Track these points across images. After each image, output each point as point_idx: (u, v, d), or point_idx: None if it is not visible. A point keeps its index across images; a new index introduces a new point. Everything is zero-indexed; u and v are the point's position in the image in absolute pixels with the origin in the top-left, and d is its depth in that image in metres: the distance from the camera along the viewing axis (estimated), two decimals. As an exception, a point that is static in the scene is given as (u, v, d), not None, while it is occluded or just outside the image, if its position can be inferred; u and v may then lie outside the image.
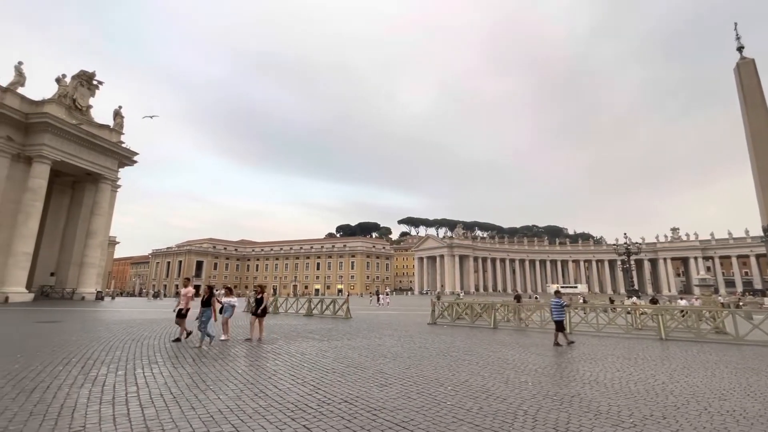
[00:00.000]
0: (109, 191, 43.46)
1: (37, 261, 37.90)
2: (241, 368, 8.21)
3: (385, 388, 6.73)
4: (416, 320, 22.31)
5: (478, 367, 8.71)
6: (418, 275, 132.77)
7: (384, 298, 44.26)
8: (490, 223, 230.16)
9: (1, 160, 33.83)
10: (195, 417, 5.03)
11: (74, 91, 39.30)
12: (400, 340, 13.22)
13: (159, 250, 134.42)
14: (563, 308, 13.31)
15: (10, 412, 5.07)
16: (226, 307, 12.64)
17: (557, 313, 13.11)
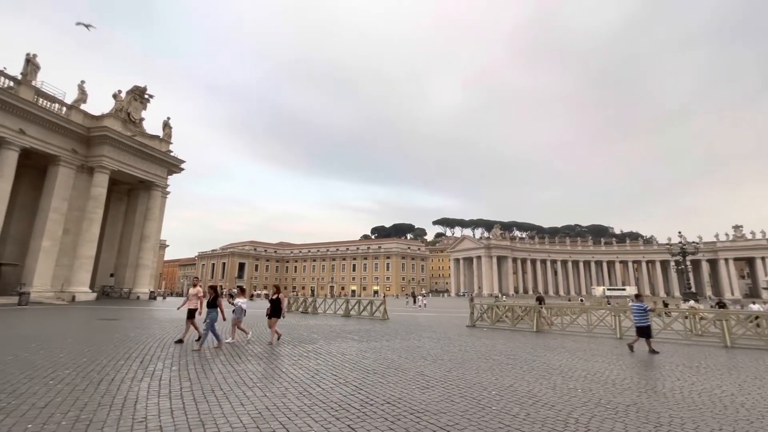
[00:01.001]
0: (160, 197, 46.37)
1: (98, 263, 41.09)
2: (285, 367, 8.43)
3: (427, 390, 6.66)
4: (454, 322, 21.98)
5: (522, 372, 8.42)
6: (455, 277, 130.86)
7: (421, 300, 44.00)
8: (528, 223, 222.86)
9: (68, 172, 37.05)
10: (244, 413, 5.21)
11: (128, 105, 42.32)
12: (439, 343, 13.06)
13: (205, 252, 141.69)
14: (647, 312, 12.16)
15: (81, 402, 5.51)
16: (236, 308, 12.18)
17: (640, 318, 12.04)
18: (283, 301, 12.10)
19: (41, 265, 34.16)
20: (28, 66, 34.23)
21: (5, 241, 34.20)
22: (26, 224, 36.01)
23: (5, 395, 5.73)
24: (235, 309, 12.10)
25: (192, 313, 11.51)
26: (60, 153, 36.25)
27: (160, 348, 10.57)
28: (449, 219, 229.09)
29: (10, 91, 32.26)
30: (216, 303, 10.87)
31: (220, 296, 11.23)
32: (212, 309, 10.78)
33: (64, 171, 36.67)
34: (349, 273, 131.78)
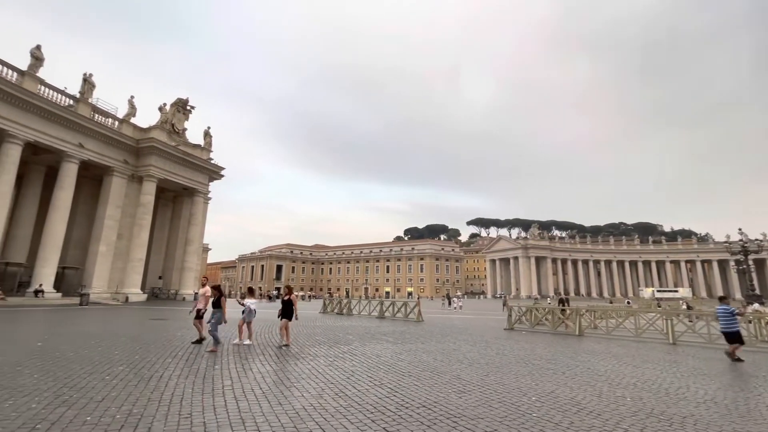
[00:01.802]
0: (202, 203, 48.78)
1: (148, 266, 43.78)
2: (321, 367, 8.55)
3: (463, 394, 6.51)
4: (491, 325, 21.45)
5: (565, 378, 8.04)
6: (491, 278, 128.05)
7: (456, 302, 43.32)
8: (569, 222, 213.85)
9: (120, 181, 39.83)
10: (282, 413, 5.32)
11: (172, 117, 44.87)
12: (476, 346, 12.77)
13: (244, 255, 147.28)
14: (734, 316, 11.09)
15: (133, 397, 5.85)
16: (245, 309, 11.77)
17: (727, 323, 10.99)
18: (295, 302, 11.55)
19: (99, 268, 36.88)
20: (85, 85, 37.15)
21: (68, 245, 37.22)
22: (85, 230, 39.06)
23: (68, 389, 6.20)
24: (245, 310, 11.67)
25: (199, 313, 11.49)
26: (113, 164, 39.05)
27: (203, 346, 11.05)
28: (484, 219, 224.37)
29: (70, 109, 35.17)
30: (220, 303, 10.74)
31: (224, 296, 11.09)
32: (217, 309, 10.67)
33: (117, 180, 39.45)
34: (383, 274, 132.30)
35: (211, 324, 10.52)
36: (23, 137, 31.60)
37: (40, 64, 32.95)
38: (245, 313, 11.61)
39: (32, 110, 31.98)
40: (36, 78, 32.59)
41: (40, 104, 32.32)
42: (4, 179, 30.99)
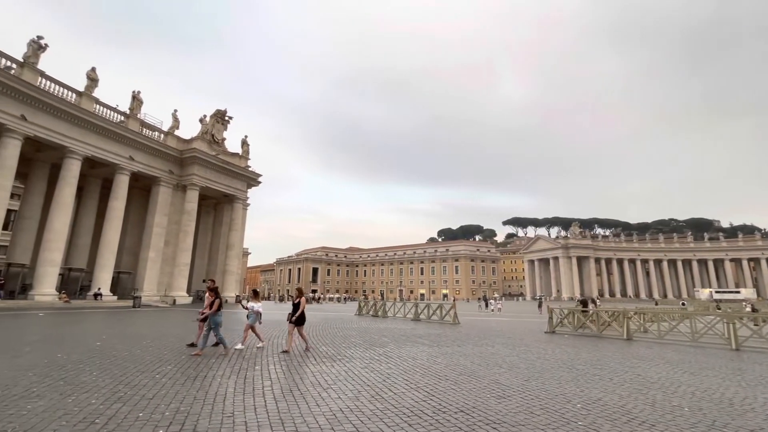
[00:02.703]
0: (241, 209, 50.77)
1: (193, 270, 46.12)
2: (357, 370, 8.59)
3: (503, 400, 6.30)
4: (531, 328, 20.71)
5: (613, 384, 7.58)
6: (529, 279, 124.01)
7: (494, 304, 42.22)
8: (612, 219, 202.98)
9: (166, 190, 42.29)
10: (320, 414, 5.39)
11: (212, 128, 47.09)
12: (515, 349, 12.35)
13: (282, 258, 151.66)
14: None
15: (180, 395, 6.14)
16: (249, 313, 11.45)
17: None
18: (304, 305, 10.95)
19: (149, 273, 39.29)
20: (133, 102, 39.83)
21: (122, 252, 39.95)
22: (136, 238, 41.78)
23: (122, 386, 6.61)
24: (249, 314, 11.40)
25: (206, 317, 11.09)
26: (160, 174, 41.54)
27: (244, 348, 11.43)
28: (521, 218, 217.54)
29: (122, 125, 37.83)
30: (212, 305, 10.36)
31: (220, 297, 10.68)
32: (216, 313, 10.40)
33: (164, 190, 41.91)
34: (417, 276, 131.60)
35: (213, 329, 10.28)
36: (82, 152, 34.33)
37: (96, 85, 35.67)
38: (250, 317, 11.28)
39: (89, 127, 34.67)
40: (92, 97, 35.31)
41: (96, 122, 35.00)
42: (67, 191, 33.80)
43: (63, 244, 34.58)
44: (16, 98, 29.51)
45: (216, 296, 10.48)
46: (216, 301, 10.36)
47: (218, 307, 10.37)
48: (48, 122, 31.76)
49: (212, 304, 10.34)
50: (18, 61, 30.34)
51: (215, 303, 10.33)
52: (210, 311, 10.35)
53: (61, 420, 4.86)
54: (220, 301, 10.46)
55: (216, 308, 10.33)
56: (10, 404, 5.44)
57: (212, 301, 10.38)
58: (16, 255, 34.38)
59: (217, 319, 10.38)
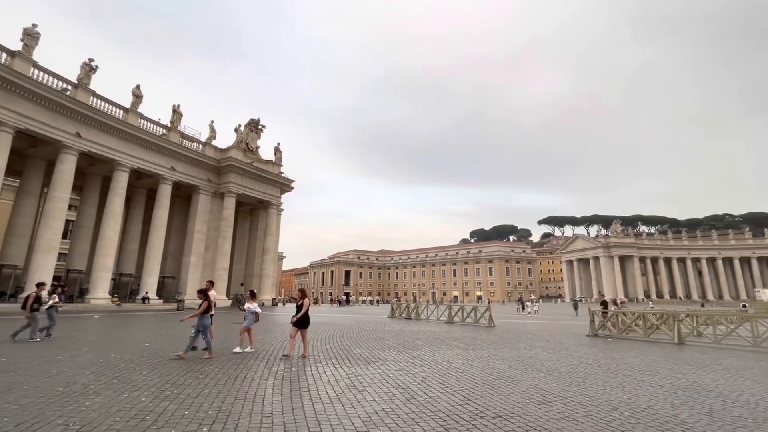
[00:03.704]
0: (276, 214, 52.24)
1: (231, 274, 47.93)
2: (391, 372, 8.57)
3: (543, 406, 6.07)
4: (570, 331, 19.88)
5: (664, 392, 7.12)
6: (568, 280, 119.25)
7: (531, 306, 40.85)
8: (657, 216, 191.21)
9: (205, 198, 44.29)
10: (355, 416, 5.41)
11: (246, 137, 48.86)
12: (555, 353, 11.89)
13: (315, 262, 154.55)
14: None
15: (222, 395, 6.38)
16: (247, 315, 11.22)
17: None
18: (307, 307, 10.39)
19: (191, 277, 41.22)
20: (174, 115, 42.07)
21: (166, 257, 42.20)
22: (179, 244, 43.98)
23: (169, 385, 6.96)
24: (247, 315, 11.22)
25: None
26: (199, 183, 43.58)
27: (281, 350, 11.72)
28: (557, 217, 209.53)
29: (164, 137, 40.07)
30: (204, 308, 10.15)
31: (209, 300, 10.40)
32: (203, 314, 10.15)
33: (203, 198, 43.93)
34: (450, 278, 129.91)
35: (201, 331, 10.05)
36: (129, 165, 36.66)
37: (140, 101, 38.01)
38: (247, 318, 11.10)
39: (135, 141, 37.01)
40: (137, 113, 37.65)
41: (142, 136, 37.32)
42: (117, 202, 36.20)
43: (114, 250, 37.02)
44: (72, 117, 32.00)
45: (205, 298, 10.15)
46: (204, 303, 10.13)
47: (206, 309, 10.12)
48: (99, 138, 34.18)
49: (201, 305, 10.12)
50: (72, 83, 32.86)
51: (203, 305, 10.09)
52: (197, 313, 10.10)
53: (116, 416, 5.17)
54: (208, 303, 10.20)
55: (202, 310, 10.09)
56: (71, 400, 5.86)
57: (201, 302, 10.14)
58: (74, 261, 37.19)
59: (205, 322, 10.09)
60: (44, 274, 30.39)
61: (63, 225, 33.17)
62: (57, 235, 31.84)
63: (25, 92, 28.85)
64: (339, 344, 13.40)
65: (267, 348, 11.95)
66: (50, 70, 31.28)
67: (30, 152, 34.14)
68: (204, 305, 10.11)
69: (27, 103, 29.17)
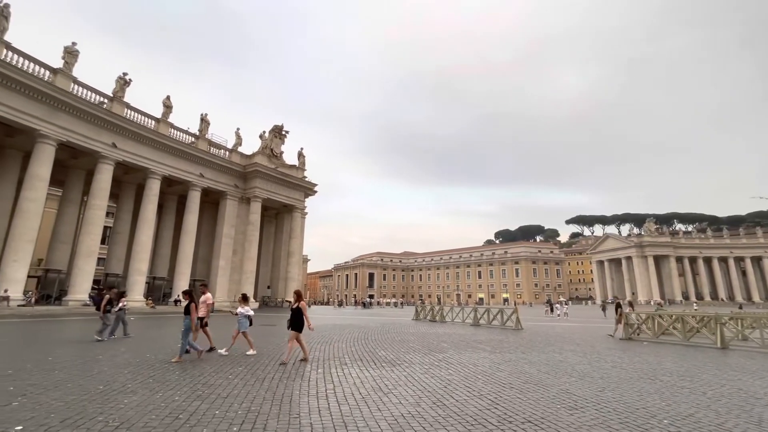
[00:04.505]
0: (300, 218, 53.10)
1: (258, 277, 49.01)
2: (417, 375, 8.51)
3: (575, 411, 5.86)
4: (602, 334, 19.17)
5: (707, 399, 6.73)
6: (599, 281, 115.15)
7: (560, 308, 39.69)
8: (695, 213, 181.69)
9: (233, 203, 45.58)
10: (382, 418, 5.40)
11: (271, 142, 49.97)
12: (586, 357, 11.48)
13: (339, 264, 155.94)
14: None
15: (251, 396, 6.52)
16: (240, 319, 11.20)
17: None
18: (305, 309, 10.01)
19: (220, 280, 42.44)
20: (202, 123, 43.57)
21: (196, 261, 43.65)
22: (208, 248, 45.41)
23: (201, 385, 7.17)
24: (240, 320, 11.15)
25: (205, 322, 11.34)
26: (226, 188, 44.90)
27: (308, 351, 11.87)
28: (586, 216, 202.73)
29: (193, 145, 41.56)
30: (188, 309, 10.05)
31: (195, 302, 10.26)
32: (185, 316, 10.07)
33: (230, 203, 45.21)
34: (475, 280, 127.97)
35: (182, 333, 9.97)
36: (161, 172, 38.23)
37: (170, 111, 39.58)
38: (240, 322, 11.07)
39: (166, 150, 38.56)
40: (168, 122, 39.22)
41: (173, 145, 38.87)
42: (149, 208, 37.79)
43: (148, 255, 38.64)
44: (109, 128, 33.71)
45: (191, 299, 10.12)
46: (193, 305, 10.09)
47: (188, 310, 10.08)
48: (134, 147, 35.83)
49: (187, 306, 10.05)
50: (108, 96, 34.63)
51: (191, 307, 10.06)
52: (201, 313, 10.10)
53: (151, 414, 5.38)
54: (196, 305, 10.18)
55: (195, 313, 10.13)
56: (110, 398, 6.14)
57: (187, 304, 10.07)
58: (112, 266, 39.07)
59: (186, 323, 10.02)
60: (85, 278, 32.15)
61: (101, 231, 34.95)
62: (96, 241, 33.57)
63: (67, 107, 30.61)
64: (364, 346, 13.44)
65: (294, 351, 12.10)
66: (88, 85, 33.07)
67: (71, 163, 36.20)
68: (193, 307, 10.05)
69: (68, 117, 30.96)
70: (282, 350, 11.76)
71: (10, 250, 28.03)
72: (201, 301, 11.44)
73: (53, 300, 31.88)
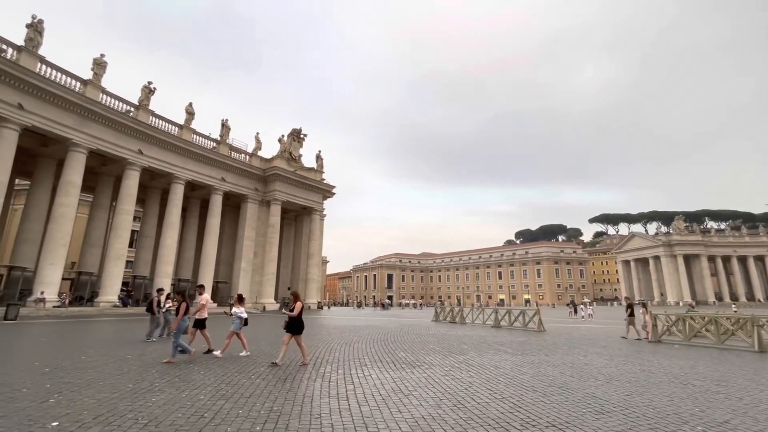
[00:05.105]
0: (319, 220, 53.67)
1: (278, 278, 49.77)
2: (437, 377, 8.45)
3: (602, 416, 5.68)
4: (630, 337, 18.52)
5: (744, 405, 6.41)
6: (625, 282, 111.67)
7: (584, 310, 38.64)
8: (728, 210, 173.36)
9: (253, 206, 46.49)
10: (402, 420, 5.38)
11: (289, 146, 50.74)
12: (613, 360, 11.13)
13: (358, 265, 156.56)
14: None
15: (273, 396, 6.61)
16: (234, 319, 11.08)
17: None
18: (297, 311, 9.58)
19: (242, 282, 43.32)
20: (223, 128, 44.66)
21: (219, 263, 44.71)
22: (230, 250, 46.44)
23: (224, 385, 7.33)
24: (234, 320, 11.04)
25: (201, 322, 11.25)
26: (247, 192, 45.84)
27: (328, 352, 11.97)
28: (610, 215, 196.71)
29: (214, 150, 42.64)
30: (178, 311, 9.95)
31: (186, 302, 10.14)
32: (182, 318, 9.96)
33: (251, 206, 46.14)
34: (495, 281, 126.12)
35: (174, 333, 9.87)
36: (185, 177, 39.40)
37: (192, 118, 40.77)
38: (234, 323, 10.96)
39: (189, 155, 39.74)
40: (190, 129, 40.41)
41: (196, 150, 40.05)
42: (174, 212, 38.99)
43: (173, 258, 39.86)
44: (135, 136, 35.01)
45: (182, 300, 10.05)
46: (182, 306, 9.99)
47: (185, 311, 9.99)
48: (158, 154, 37.09)
49: (177, 308, 9.97)
50: (134, 105, 35.95)
51: (181, 307, 9.96)
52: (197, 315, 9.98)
53: (178, 412, 5.53)
54: (186, 306, 10.07)
55: (183, 313, 9.96)
56: (139, 396, 6.35)
57: (178, 305, 9.97)
58: (139, 268, 40.45)
59: (181, 324, 9.92)
60: (115, 281, 33.40)
61: (129, 235, 36.31)
62: (124, 245, 34.87)
63: (96, 116, 31.97)
64: (383, 347, 13.44)
65: (315, 351, 12.22)
66: (115, 94, 34.44)
67: (101, 170, 37.75)
68: (183, 308, 9.96)
69: (98, 126, 32.32)
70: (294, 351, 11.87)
71: (47, 254, 29.44)
72: (198, 302, 11.44)
73: (85, 301, 33.25)
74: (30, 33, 28.62)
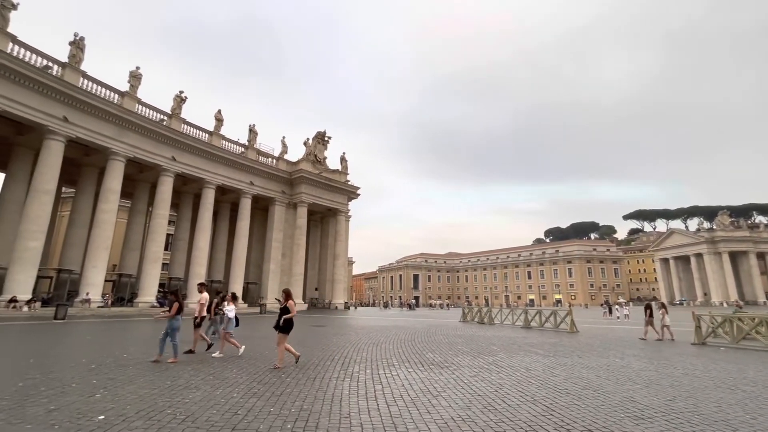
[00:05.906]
0: (344, 221, 54.22)
1: (306, 279, 50.66)
2: (466, 378, 8.33)
3: (641, 421, 5.42)
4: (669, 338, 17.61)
5: (801, 413, 5.95)
6: (663, 281, 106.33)
7: (620, 310, 37.04)
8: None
9: (281, 208, 47.55)
10: (431, 421, 5.34)
11: (314, 149, 51.57)
12: (652, 363, 10.61)
13: (383, 266, 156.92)
14: None
15: (303, 395, 6.72)
16: (223, 318, 10.89)
17: None
18: (293, 309, 9.38)
19: (270, 283, 44.40)
20: (250, 134, 45.94)
21: (249, 264, 46.00)
22: (259, 252, 47.68)
23: (256, 383, 7.52)
24: (223, 319, 10.87)
25: (195, 321, 11.20)
26: (274, 195, 46.95)
27: (356, 352, 12.06)
28: (646, 211, 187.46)
29: (243, 155, 43.93)
30: (170, 309, 9.82)
31: (180, 301, 9.95)
32: (174, 317, 9.74)
33: (279, 208, 47.21)
34: (524, 281, 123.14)
35: (169, 334, 9.67)
36: (215, 182, 40.81)
37: (221, 125, 42.19)
38: (223, 322, 10.84)
39: (219, 160, 41.15)
40: (219, 135, 41.83)
41: (225, 155, 41.44)
42: (206, 216, 40.46)
43: (206, 260, 41.35)
44: (169, 144, 36.61)
45: (176, 299, 9.90)
46: (175, 305, 9.81)
47: (177, 311, 9.76)
48: (190, 160, 38.60)
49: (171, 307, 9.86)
50: (167, 113, 37.59)
51: (174, 306, 9.80)
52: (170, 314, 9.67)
53: (212, 409, 5.72)
54: (180, 305, 9.87)
55: (175, 312, 9.72)
56: (176, 393, 6.61)
57: (171, 304, 9.91)
58: (174, 270, 42.27)
59: (175, 323, 9.69)
60: (152, 282, 34.99)
61: (164, 238, 37.97)
62: (160, 248, 36.52)
63: (133, 126, 33.66)
64: (411, 348, 13.40)
65: (343, 351, 12.33)
66: (149, 104, 36.11)
67: (138, 177, 39.73)
68: (176, 307, 9.75)
69: (134, 135, 34.02)
70: (323, 350, 12.01)
71: (90, 257, 31.26)
72: (198, 302, 11.45)
73: (126, 302, 35.06)
74: (73, 50, 30.50)
